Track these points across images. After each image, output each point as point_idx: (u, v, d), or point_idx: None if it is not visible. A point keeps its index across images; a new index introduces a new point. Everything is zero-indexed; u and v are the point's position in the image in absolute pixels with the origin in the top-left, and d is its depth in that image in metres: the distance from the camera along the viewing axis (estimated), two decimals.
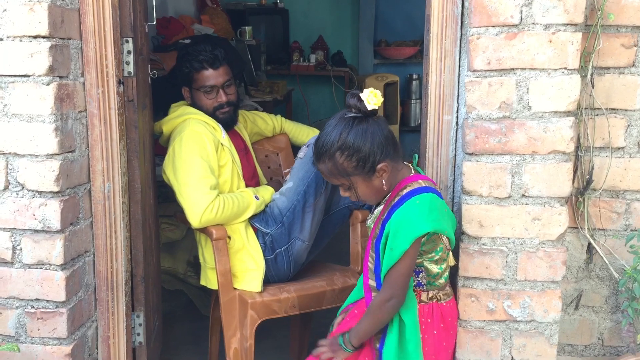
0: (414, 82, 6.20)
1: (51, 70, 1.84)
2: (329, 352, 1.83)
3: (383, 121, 1.76)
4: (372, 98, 1.69)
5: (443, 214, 1.75)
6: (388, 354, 1.75)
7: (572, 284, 2.04)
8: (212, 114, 2.58)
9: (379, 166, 1.72)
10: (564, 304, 2.04)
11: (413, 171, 1.82)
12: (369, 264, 1.82)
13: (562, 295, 1.89)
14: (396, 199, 1.73)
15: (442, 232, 1.74)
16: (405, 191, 1.74)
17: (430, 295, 1.80)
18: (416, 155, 1.90)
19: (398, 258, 1.67)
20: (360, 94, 1.70)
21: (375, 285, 1.80)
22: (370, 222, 1.85)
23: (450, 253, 1.85)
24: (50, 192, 1.89)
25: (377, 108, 1.71)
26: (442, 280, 1.82)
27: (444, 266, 1.81)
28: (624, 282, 1.87)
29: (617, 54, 1.89)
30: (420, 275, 1.78)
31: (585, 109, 1.91)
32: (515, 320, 1.89)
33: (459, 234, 1.91)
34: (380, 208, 1.81)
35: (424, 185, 1.76)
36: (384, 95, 5.73)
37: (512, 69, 1.79)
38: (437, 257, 1.78)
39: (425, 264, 1.78)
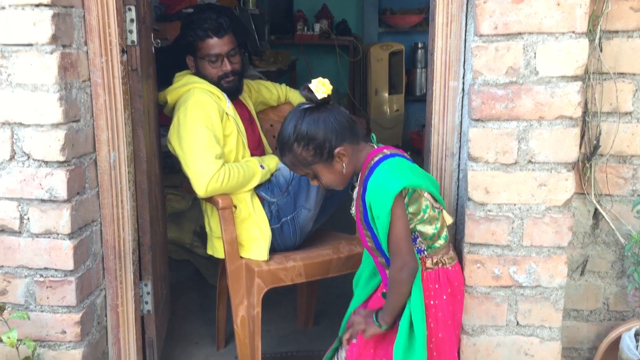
0: (420, 51, 6.15)
1: (54, 39, 1.82)
2: (363, 325, 1.83)
3: (337, 108, 1.79)
4: (320, 87, 1.74)
5: (415, 172, 1.77)
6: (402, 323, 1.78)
7: (578, 250, 2.04)
8: (216, 83, 2.56)
9: (336, 151, 1.75)
10: (570, 269, 2.04)
11: (375, 146, 1.83)
12: (368, 244, 1.83)
13: (568, 261, 1.89)
14: (367, 172, 1.75)
15: (419, 187, 1.73)
16: (372, 162, 1.77)
17: (435, 261, 1.80)
18: (374, 135, 1.90)
19: (387, 222, 1.68)
20: (310, 85, 1.75)
21: (384, 262, 1.81)
22: (353, 210, 1.85)
23: (444, 211, 1.84)
24: (56, 161, 1.89)
25: (327, 96, 1.74)
26: (441, 241, 1.81)
27: (438, 225, 1.80)
28: (630, 247, 1.87)
29: (626, 17, 1.87)
30: (418, 241, 1.78)
31: (592, 73, 1.89)
32: (520, 285, 1.90)
33: (465, 200, 1.91)
34: (356, 190, 1.81)
35: (388, 153, 1.79)
36: (389, 64, 5.75)
37: (519, 33, 1.77)
38: (426, 217, 1.76)
39: (419, 227, 1.77)
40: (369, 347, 1.86)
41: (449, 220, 1.85)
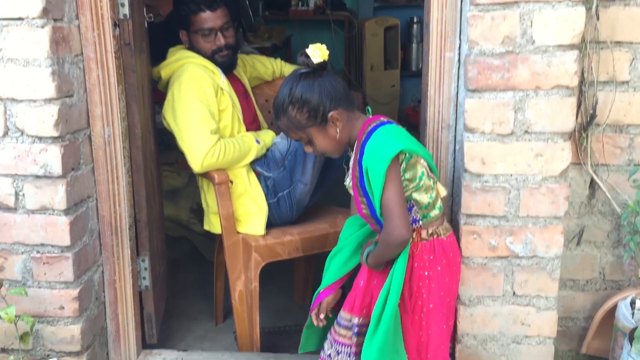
0: (415, 26, 6.10)
1: (45, 12, 1.80)
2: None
3: (332, 75, 1.79)
4: (316, 52, 1.73)
5: (412, 140, 1.77)
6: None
7: (575, 220, 2.05)
8: (210, 57, 2.54)
9: (330, 114, 1.75)
10: (566, 239, 2.05)
11: (370, 115, 1.83)
12: (364, 210, 1.81)
13: (564, 231, 1.90)
14: (364, 137, 1.74)
15: (415, 152, 1.73)
16: (369, 128, 1.76)
17: (430, 232, 1.79)
18: (369, 108, 1.90)
19: (382, 184, 1.68)
20: (307, 50, 1.74)
21: (379, 229, 1.80)
22: (348, 181, 1.84)
23: (438, 183, 1.83)
24: (50, 137, 1.88)
25: (324, 61, 1.74)
26: (436, 212, 1.80)
27: (433, 195, 1.79)
28: (626, 216, 1.87)
29: None
30: (413, 210, 1.78)
31: (589, 42, 1.88)
32: (517, 256, 1.91)
33: (461, 171, 1.90)
34: (352, 159, 1.80)
35: (385, 120, 1.79)
36: (385, 39, 5.71)
37: (516, 1, 1.75)
38: (422, 184, 1.75)
39: (414, 195, 1.76)
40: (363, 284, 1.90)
41: (443, 192, 1.84)
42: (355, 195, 1.81)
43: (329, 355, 1.93)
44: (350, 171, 1.82)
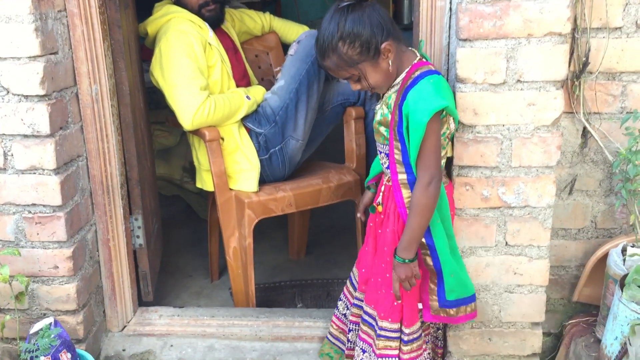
0: None
1: None
2: (404, 280, 1.77)
3: (377, 5, 1.72)
4: None
5: (452, 97, 1.76)
6: (444, 253, 1.79)
7: (567, 169, 2.04)
8: (197, 12, 2.50)
9: (383, 46, 1.70)
10: (558, 189, 2.05)
11: (419, 56, 1.78)
12: (396, 155, 1.77)
13: (556, 180, 1.89)
14: (409, 82, 1.71)
15: (453, 112, 1.73)
16: (417, 73, 1.73)
17: None
18: (422, 41, 1.86)
19: (422, 133, 1.65)
20: None
21: (406, 178, 1.77)
22: (378, 107, 1.82)
23: (450, 143, 1.84)
24: (37, 95, 1.85)
25: None
26: (442, 165, 1.81)
27: (443, 152, 1.79)
28: (618, 163, 1.87)
29: None
30: None
31: None
32: (509, 206, 1.91)
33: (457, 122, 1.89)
34: (392, 95, 1.77)
35: (433, 69, 1.76)
36: None
37: None
38: (441, 140, 1.75)
39: None
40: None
41: (449, 153, 1.85)
42: (391, 137, 1.77)
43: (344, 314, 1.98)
44: (382, 110, 1.79)
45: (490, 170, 1.89)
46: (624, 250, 1.94)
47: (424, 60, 1.79)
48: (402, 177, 1.78)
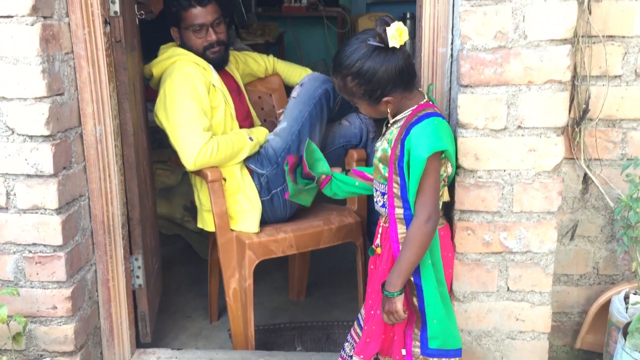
0: (408, 22, 6.07)
1: (34, 9, 1.79)
2: (389, 314, 1.76)
3: (403, 53, 1.73)
4: (396, 35, 1.68)
5: (454, 142, 1.79)
6: (430, 295, 1.76)
7: (568, 215, 2.05)
8: (202, 54, 2.53)
9: (385, 99, 1.74)
10: (560, 234, 2.05)
11: (426, 98, 1.81)
12: (394, 189, 1.78)
13: (557, 226, 1.89)
14: (414, 119, 1.73)
15: (451, 157, 1.76)
16: (423, 112, 1.74)
17: None
18: (432, 85, 1.90)
19: (422, 169, 1.67)
20: (387, 27, 1.68)
21: (402, 213, 1.77)
22: (378, 144, 1.84)
23: (446, 188, 1.85)
24: (41, 135, 1.87)
25: (398, 47, 1.69)
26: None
27: (440, 194, 1.80)
28: (619, 210, 1.87)
29: None
30: None
31: (582, 36, 1.88)
32: (511, 251, 1.91)
33: (455, 168, 1.90)
34: (393, 130, 1.78)
35: (439, 112, 1.78)
36: None
37: None
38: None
39: None
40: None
41: (446, 197, 1.86)
42: (390, 172, 1.77)
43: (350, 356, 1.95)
44: (383, 145, 1.81)
45: (492, 215, 1.89)
46: (626, 298, 1.93)
47: (430, 102, 1.81)
48: (399, 211, 1.78)
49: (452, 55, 1.94)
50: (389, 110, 1.77)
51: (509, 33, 1.76)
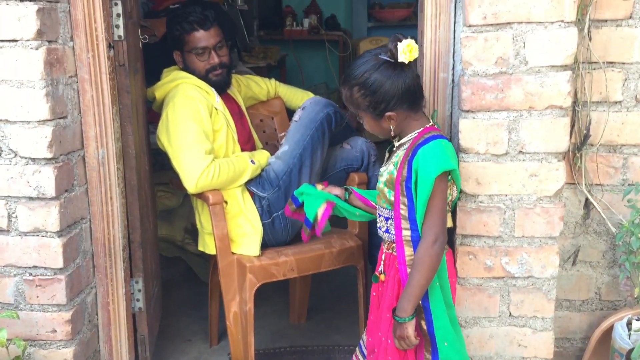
0: None
1: (39, 34, 1.80)
2: (401, 340, 1.75)
3: (412, 72, 1.75)
4: (406, 50, 1.70)
5: (458, 166, 1.80)
6: (439, 318, 1.75)
7: (570, 240, 2.04)
8: (204, 76, 2.55)
9: (388, 114, 1.74)
10: (562, 259, 2.04)
11: (432, 122, 1.82)
12: (402, 210, 1.77)
13: (559, 251, 1.89)
14: (420, 140, 1.73)
15: (457, 178, 1.76)
16: (429, 135, 1.75)
17: None
18: (436, 111, 1.91)
19: (430, 189, 1.67)
20: (399, 43, 1.71)
21: (410, 235, 1.76)
22: (383, 168, 1.84)
23: (450, 213, 1.84)
24: (44, 158, 1.87)
25: (407, 62, 1.71)
26: None
27: None
28: (621, 235, 1.87)
29: (614, 6, 1.87)
30: None
31: (582, 62, 1.89)
32: (513, 276, 1.90)
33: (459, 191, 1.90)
34: (399, 153, 1.79)
35: (444, 135, 1.79)
36: None
37: (509, 23, 1.76)
38: None
39: None
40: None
41: (449, 223, 1.86)
42: (397, 193, 1.77)
43: None
44: (389, 168, 1.80)
45: (494, 240, 1.89)
46: (629, 324, 1.92)
47: (435, 127, 1.82)
48: (406, 233, 1.78)
49: (453, 80, 1.95)
50: (392, 128, 1.77)
51: (509, 59, 1.78)
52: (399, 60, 1.70)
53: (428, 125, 1.78)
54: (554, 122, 1.80)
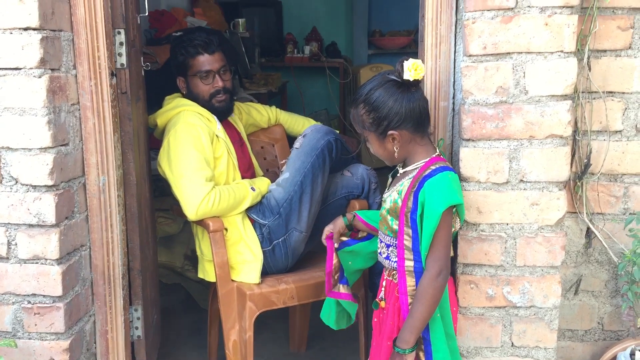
0: None
1: (42, 62, 1.82)
2: None
3: (419, 94, 1.76)
4: (411, 68, 1.71)
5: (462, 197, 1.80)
6: (439, 351, 1.74)
7: (572, 269, 2.03)
8: (208, 101, 2.56)
9: (390, 132, 1.75)
10: (564, 289, 2.03)
11: (438, 152, 1.82)
12: (405, 241, 1.77)
13: (561, 280, 1.88)
14: (427, 171, 1.73)
15: (462, 212, 1.76)
16: (436, 166, 1.75)
17: None
18: (442, 140, 1.92)
19: (437, 222, 1.67)
20: (405, 62, 1.73)
21: (412, 266, 1.75)
22: (386, 194, 1.83)
23: (451, 244, 1.84)
24: (45, 186, 1.87)
25: (413, 80, 1.72)
26: None
27: None
28: (623, 265, 1.86)
29: (613, 36, 1.88)
30: None
31: (582, 92, 1.90)
32: (515, 306, 1.89)
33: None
34: (404, 182, 1.78)
35: (450, 167, 1.79)
36: None
37: (508, 53, 1.78)
38: None
39: None
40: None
41: (451, 253, 1.85)
42: (401, 224, 1.77)
43: None
44: (392, 196, 1.80)
45: (495, 269, 1.88)
46: (632, 354, 1.90)
47: (442, 157, 1.82)
48: (409, 264, 1.77)
49: (453, 109, 1.96)
50: (396, 150, 1.77)
51: (510, 88, 1.79)
52: (404, 77, 1.71)
53: (434, 155, 1.78)
54: (554, 151, 1.80)
